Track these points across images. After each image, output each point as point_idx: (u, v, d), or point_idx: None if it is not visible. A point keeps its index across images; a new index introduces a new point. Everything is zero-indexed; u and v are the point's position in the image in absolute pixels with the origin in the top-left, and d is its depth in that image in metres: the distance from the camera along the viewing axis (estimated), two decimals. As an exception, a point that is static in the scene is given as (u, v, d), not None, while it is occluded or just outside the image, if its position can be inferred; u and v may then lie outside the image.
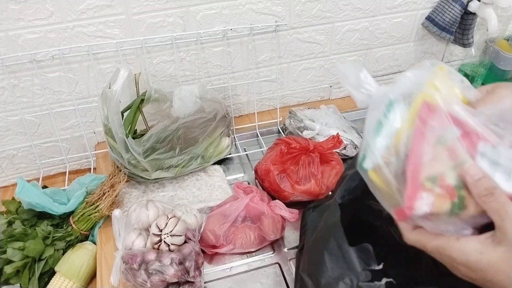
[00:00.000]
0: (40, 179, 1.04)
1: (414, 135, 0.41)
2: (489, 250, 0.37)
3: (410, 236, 0.42)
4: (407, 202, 0.40)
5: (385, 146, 0.42)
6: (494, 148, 0.40)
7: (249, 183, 0.97)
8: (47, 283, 0.82)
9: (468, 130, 0.41)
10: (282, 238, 0.84)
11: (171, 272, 0.70)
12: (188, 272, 0.72)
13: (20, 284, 0.80)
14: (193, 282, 0.73)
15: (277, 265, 0.80)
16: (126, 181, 0.90)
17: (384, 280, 0.44)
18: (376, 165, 0.43)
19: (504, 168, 0.40)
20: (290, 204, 0.83)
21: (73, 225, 0.85)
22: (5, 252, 0.79)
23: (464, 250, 0.38)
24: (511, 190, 0.38)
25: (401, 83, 0.44)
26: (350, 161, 0.65)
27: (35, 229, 0.84)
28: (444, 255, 0.40)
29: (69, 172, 1.06)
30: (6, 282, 0.80)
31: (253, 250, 0.82)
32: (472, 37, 1.12)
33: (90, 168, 1.06)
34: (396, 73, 1.24)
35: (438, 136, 0.41)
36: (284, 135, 1.10)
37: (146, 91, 0.90)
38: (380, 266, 0.53)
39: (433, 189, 0.40)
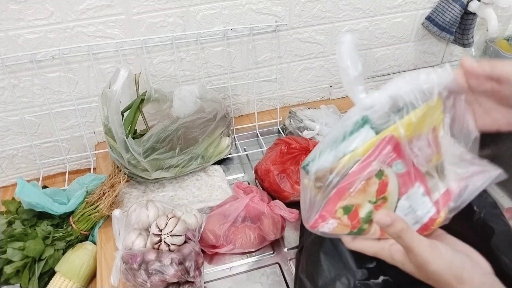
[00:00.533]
0: (40, 179, 1.04)
1: (360, 163, 0.42)
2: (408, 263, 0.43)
3: (351, 245, 0.48)
4: (313, 222, 0.45)
5: (331, 161, 0.43)
6: (423, 194, 0.44)
7: (249, 183, 0.97)
8: (47, 283, 0.82)
9: (412, 170, 0.43)
10: (282, 238, 0.84)
11: (171, 272, 0.70)
12: (188, 272, 0.72)
13: (20, 284, 0.80)
14: (193, 282, 0.73)
15: (277, 265, 0.80)
16: (126, 181, 0.90)
17: (381, 278, 0.45)
18: (313, 173, 0.43)
19: (415, 216, 0.45)
20: (290, 204, 0.83)
21: (73, 225, 0.85)
22: (5, 252, 0.79)
23: (393, 258, 0.44)
24: None
25: (391, 88, 0.43)
26: None
27: (35, 229, 0.84)
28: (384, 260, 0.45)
29: (69, 172, 1.06)
30: (6, 282, 0.80)
31: (253, 250, 0.82)
32: (472, 37, 1.12)
33: (90, 168, 1.06)
34: (396, 73, 1.24)
35: (380, 169, 0.42)
36: (284, 135, 1.10)
37: (146, 91, 0.90)
38: (374, 263, 0.53)
39: (341, 218, 0.44)
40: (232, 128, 1.07)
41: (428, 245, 0.42)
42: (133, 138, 0.85)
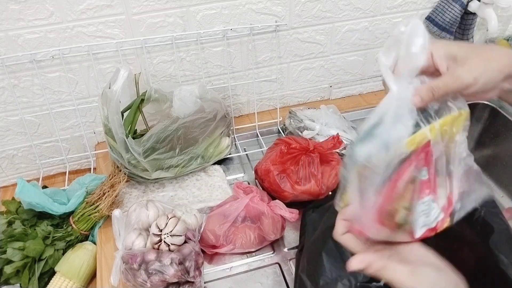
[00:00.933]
0: (40, 179, 1.04)
1: (405, 163, 0.41)
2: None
3: (340, 238, 0.48)
4: (364, 228, 0.45)
5: (391, 144, 0.39)
6: (433, 200, 0.44)
7: (249, 183, 0.97)
8: (47, 283, 0.82)
9: (432, 178, 0.43)
10: (282, 238, 0.84)
11: (171, 272, 0.70)
12: (188, 272, 0.72)
13: (20, 284, 0.80)
14: (193, 282, 0.73)
15: (277, 265, 0.80)
16: (126, 181, 0.90)
17: (382, 281, 0.45)
18: (368, 158, 0.40)
19: (425, 220, 0.44)
20: (290, 204, 0.83)
21: (73, 225, 0.85)
22: (5, 252, 0.79)
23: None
24: (418, 236, 0.45)
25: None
26: None
27: (35, 229, 0.84)
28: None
29: (69, 172, 1.06)
30: (6, 282, 0.80)
31: (253, 250, 0.82)
32: (472, 37, 1.12)
33: (90, 168, 1.06)
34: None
35: (415, 175, 0.41)
36: (284, 135, 1.10)
37: (146, 91, 0.90)
38: None
39: (385, 225, 0.44)
40: (232, 128, 1.07)
41: (409, 274, 0.43)
42: (133, 138, 0.85)
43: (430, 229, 0.45)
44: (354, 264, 0.43)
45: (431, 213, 0.44)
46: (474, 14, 1.07)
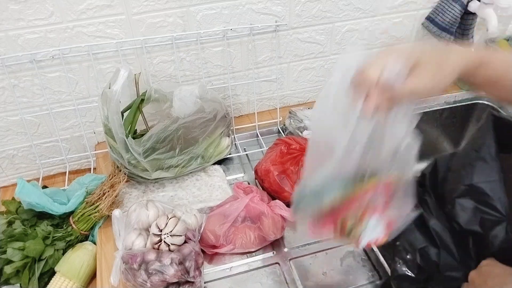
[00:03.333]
0: (40, 179, 1.04)
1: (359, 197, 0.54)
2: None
3: None
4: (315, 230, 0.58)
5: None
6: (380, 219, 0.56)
7: (249, 183, 0.97)
8: (47, 283, 0.82)
9: (385, 202, 0.55)
10: (282, 238, 0.84)
11: (171, 272, 0.70)
12: (188, 272, 0.72)
13: (20, 284, 0.80)
14: (193, 282, 0.73)
15: (277, 265, 0.80)
16: (126, 181, 0.90)
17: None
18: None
19: (372, 233, 0.57)
20: (290, 204, 0.83)
21: (73, 225, 0.85)
22: (5, 252, 0.79)
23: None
24: (362, 246, 0.59)
25: None
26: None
27: (35, 229, 0.84)
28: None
29: (69, 172, 1.06)
30: (6, 282, 0.80)
31: (253, 250, 0.82)
32: (472, 37, 1.12)
33: (90, 168, 1.06)
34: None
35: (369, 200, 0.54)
36: (284, 135, 1.10)
37: (146, 91, 0.90)
38: None
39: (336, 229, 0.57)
40: (232, 128, 1.07)
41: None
42: (133, 138, 0.85)
43: (372, 242, 0.57)
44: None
45: (377, 229, 0.56)
46: (474, 14, 1.07)
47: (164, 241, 0.73)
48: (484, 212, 0.61)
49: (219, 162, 1.01)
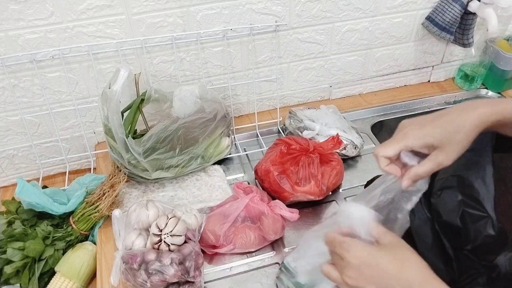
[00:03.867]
0: (40, 179, 1.04)
1: None
2: (377, 251, 0.51)
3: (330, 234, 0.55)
4: None
5: None
6: None
7: (249, 183, 0.97)
8: (47, 283, 0.82)
9: None
10: (282, 238, 0.84)
11: (171, 272, 0.70)
12: (188, 272, 0.72)
13: (20, 284, 0.80)
14: (193, 282, 0.73)
15: (277, 265, 0.80)
16: (126, 181, 0.90)
17: None
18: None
19: None
20: (290, 205, 0.83)
21: (73, 225, 0.85)
22: (5, 252, 0.79)
23: (362, 249, 0.52)
24: None
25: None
26: None
27: (35, 229, 0.84)
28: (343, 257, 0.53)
29: (69, 172, 1.06)
30: (6, 282, 0.80)
31: (253, 250, 0.82)
32: (472, 37, 1.12)
33: (90, 168, 1.06)
34: (396, 73, 1.24)
35: None
36: (284, 135, 1.10)
37: (146, 91, 0.90)
38: None
39: None
40: (232, 128, 1.07)
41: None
42: (133, 138, 0.85)
43: None
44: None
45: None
46: (474, 14, 1.06)
47: (164, 241, 0.73)
48: (468, 205, 0.61)
49: (219, 162, 1.01)
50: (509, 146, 0.65)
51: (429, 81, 1.30)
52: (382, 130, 1.19)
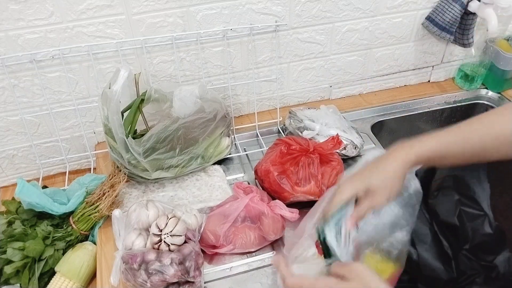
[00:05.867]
0: (40, 179, 1.04)
1: None
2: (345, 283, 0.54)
3: (290, 280, 0.57)
4: None
5: None
6: None
7: (249, 183, 0.97)
8: (47, 283, 0.82)
9: None
10: (282, 238, 0.84)
11: (171, 272, 0.70)
12: (188, 272, 0.72)
13: (20, 284, 0.80)
14: (193, 282, 0.73)
15: (277, 265, 0.80)
16: (126, 181, 0.90)
17: None
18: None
19: None
20: (290, 205, 0.83)
21: (73, 225, 0.85)
22: (5, 252, 0.79)
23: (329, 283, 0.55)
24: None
25: None
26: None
27: (35, 229, 0.84)
28: None
29: (69, 172, 1.06)
30: (6, 282, 0.80)
31: (253, 250, 0.82)
32: (472, 37, 1.12)
33: (90, 168, 1.06)
34: (396, 73, 1.24)
35: None
36: (284, 135, 1.10)
37: (146, 91, 0.90)
38: None
39: None
40: (232, 128, 1.07)
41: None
42: (133, 138, 0.85)
43: None
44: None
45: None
46: (474, 14, 1.06)
47: (164, 241, 0.73)
48: (465, 204, 0.61)
49: (219, 162, 1.01)
50: None
51: (429, 81, 1.30)
52: (382, 130, 1.19)
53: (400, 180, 0.60)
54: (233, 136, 1.07)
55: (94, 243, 0.87)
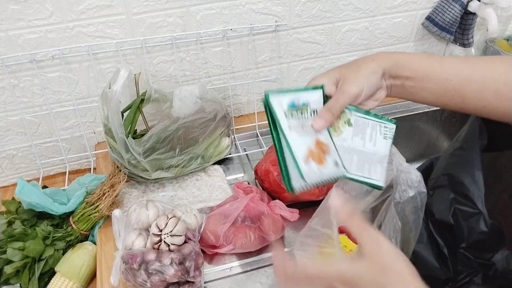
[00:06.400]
0: (40, 179, 1.04)
1: None
2: (356, 263, 0.44)
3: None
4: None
5: None
6: None
7: (249, 183, 0.96)
8: (47, 283, 0.82)
9: None
10: (282, 238, 0.84)
11: (171, 272, 0.70)
12: (188, 272, 0.72)
13: (20, 284, 0.80)
14: (193, 282, 0.73)
15: (277, 265, 0.80)
16: (126, 181, 0.90)
17: None
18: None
19: None
20: (290, 204, 0.83)
21: (73, 225, 0.85)
22: (5, 252, 0.79)
23: (340, 268, 0.44)
24: None
25: None
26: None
27: (35, 229, 0.84)
28: (324, 278, 0.45)
29: (69, 172, 1.06)
30: (6, 282, 0.80)
31: (253, 250, 0.81)
32: (472, 37, 1.12)
33: (90, 168, 1.06)
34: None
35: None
36: (284, 135, 1.10)
37: (146, 91, 0.90)
38: None
39: None
40: (232, 128, 1.07)
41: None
42: (133, 138, 0.85)
43: None
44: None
45: None
46: (474, 14, 1.07)
47: (164, 241, 0.73)
48: (459, 202, 0.60)
49: (219, 162, 1.01)
50: (502, 145, 0.66)
51: (429, 81, 1.30)
52: (382, 130, 1.19)
53: (375, 76, 0.56)
54: (233, 136, 1.07)
55: (94, 243, 0.87)
